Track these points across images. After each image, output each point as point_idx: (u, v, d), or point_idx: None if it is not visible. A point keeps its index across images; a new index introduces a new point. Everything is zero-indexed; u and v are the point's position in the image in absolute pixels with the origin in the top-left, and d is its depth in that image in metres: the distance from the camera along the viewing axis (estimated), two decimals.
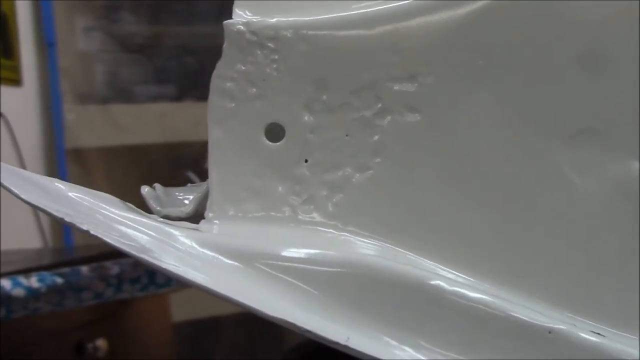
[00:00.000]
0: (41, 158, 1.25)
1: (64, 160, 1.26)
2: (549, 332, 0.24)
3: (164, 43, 1.31)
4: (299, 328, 0.21)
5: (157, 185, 0.31)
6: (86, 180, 1.25)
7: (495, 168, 0.27)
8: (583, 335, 0.24)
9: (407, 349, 0.23)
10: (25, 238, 1.15)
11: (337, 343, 0.21)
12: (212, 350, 1.27)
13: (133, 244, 0.25)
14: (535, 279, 0.27)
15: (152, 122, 1.30)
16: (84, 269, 0.93)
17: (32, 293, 0.88)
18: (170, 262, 0.23)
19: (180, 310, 1.28)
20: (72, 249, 1.24)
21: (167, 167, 1.31)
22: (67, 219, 0.24)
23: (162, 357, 1.25)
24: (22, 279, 0.86)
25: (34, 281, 0.88)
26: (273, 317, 0.21)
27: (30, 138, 1.21)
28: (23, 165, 1.14)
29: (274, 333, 1.22)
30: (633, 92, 0.27)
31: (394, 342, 0.23)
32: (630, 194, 0.27)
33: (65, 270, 0.92)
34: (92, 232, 0.24)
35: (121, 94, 1.33)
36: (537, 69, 0.27)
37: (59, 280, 0.90)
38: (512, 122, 0.28)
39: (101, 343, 1.14)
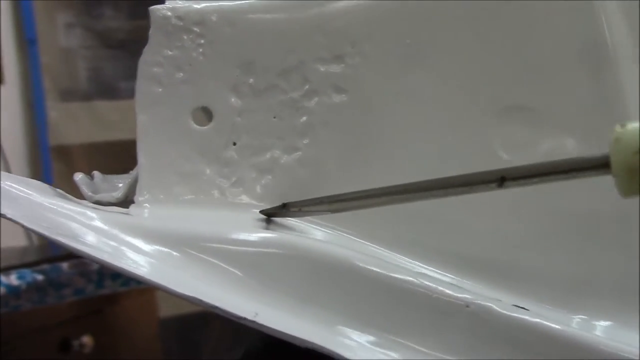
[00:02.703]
0: (25, 156, 1.25)
1: (49, 158, 1.26)
2: (467, 307, 0.24)
3: (146, 37, 1.30)
4: (206, 304, 0.21)
5: (95, 172, 0.31)
6: (71, 177, 1.25)
7: (423, 146, 0.28)
8: (500, 309, 0.24)
9: (323, 326, 0.23)
10: (11, 236, 1.15)
11: (244, 318, 0.21)
12: (198, 345, 1.27)
13: (59, 230, 0.25)
14: (466, 255, 0.27)
15: None
16: (64, 265, 0.93)
17: (12, 291, 0.88)
18: (88, 246, 0.23)
19: (167, 306, 1.28)
20: (56, 246, 1.24)
21: None
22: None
23: (148, 353, 1.25)
24: (2, 277, 0.87)
25: (13, 279, 0.89)
26: (180, 294, 0.22)
27: (13, 136, 1.21)
28: (7, 164, 1.14)
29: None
30: (562, 69, 0.28)
31: (310, 319, 0.23)
32: None
33: (46, 267, 0.92)
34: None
35: (105, 90, 1.33)
36: (463, 46, 0.28)
37: (39, 277, 0.91)
38: (439, 100, 0.28)
39: (87, 339, 1.14)
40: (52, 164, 1.24)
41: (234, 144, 0.28)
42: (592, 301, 0.27)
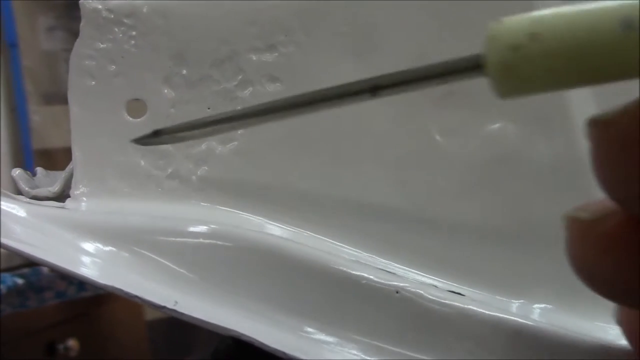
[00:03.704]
0: (9, 160, 1.25)
1: (32, 162, 1.26)
2: (397, 292, 0.24)
3: None
4: (127, 293, 0.21)
5: (38, 168, 0.31)
6: None
7: (359, 133, 0.27)
8: (430, 295, 0.24)
9: (248, 314, 0.23)
10: None
11: (164, 307, 0.21)
12: (187, 347, 1.27)
13: None
14: (407, 246, 0.27)
15: None
16: (45, 268, 0.93)
17: None
18: (15, 240, 0.23)
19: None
20: None
21: None
22: None
23: (136, 356, 1.25)
24: None
25: None
26: (100, 284, 0.21)
27: None
28: None
29: None
30: None
31: (237, 308, 0.23)
32: (499, 153, 0.27)
33: (26, 270, 0.92)
34: None
35: None
36: (400, 34, 0.28)
37: (20, 281, 0.91)
38: None
39: (73, 343, 1.14)
40: (36, 167, 1.24)
41: None
42: (531, 285, 0.27)
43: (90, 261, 0.23)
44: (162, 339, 1.32)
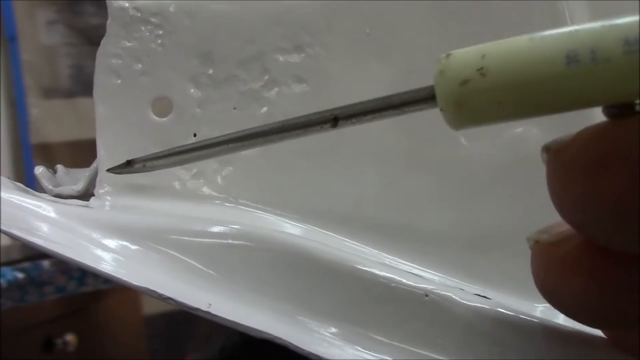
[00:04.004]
0: (7, 154, 1.25)
1: (31, 156, 1.25)
2: (426, 296, 0.24)
3: None
4: (160, 295, 0.21)
5: (59, 166, 0.31)
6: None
7: (383, 134, 0.28)
8: (459, 298, 0.24)
9: (280, 317, 0.23)
10: None
11: (198, 309, 0.21)
12: (184, 343, 1.27)
13: (14, 223, 0.24)
14: (430, 249, 0.27)
15: None
16: (45, 263, 0.92)
17: None
18: (42, 238, 0.23)
19: (152, 303, 1.27)
20: None
21: None
22: None
23: (133, 351, 1.25)
24: None
25: None
26: (133, 285, 0.21)
27: None
28: None
29: None
30: None
31: (268, 310, 0.23)
32: (521, 156, 0.27)
33: (26, 265, 0.92)
34: None
35: (87, 87, 1.32)
36: (423, 35, 0.28)
37: (20, 275, 0.90)
38: (400, 90, 0.28)
39: (71, 338, 1.14)
40: (35, 162, 1.23)
41: (194, 135, 0.28)
42: None
43: (120, 261, 0.23)
44: (159, 334, 1.32)
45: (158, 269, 0.24)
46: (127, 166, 0.24)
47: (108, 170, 0.25)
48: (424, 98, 0.17)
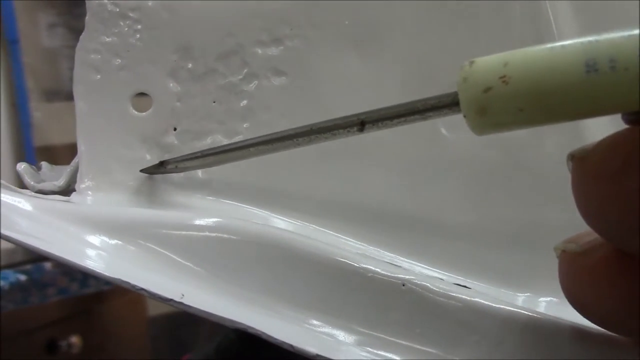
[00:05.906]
0: (10, 157, 1.25)
1: (34, 159, 1.26)
2: (403, 285, 0.24)
3: None
4: (133, 286, 0.21)
5: (43, 162, 0.31)
6: None
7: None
8: (435, 287, 0.24)
9: (256, 308, 0.23)
10: None
11: (171, 300, 0.21)
12: (188, 344, 1.27)
13: None
14: (412, 241, 0.27)
15: None
16: (48, 265, 0.93)
17: None
18: (20, 233, 0.23)
19: (156, 305, 1.27)
20: None
21: None
22: None
23: (137, 352, 1.25)
24: None
25: None
26: (107, 277, 0.21)
27: None
28: None
29: None
30: None
31: (245, 301, 0.23)
32: (506, 151, 0.27)
33: (29, 267, 0.92)
34: None
35: None
36: (404, 29, 0.28)
37: (22, 277, 0.91)
38: (381, 81, 0.28)
39: (75, 340, 1.14)
40: (37, 164, 1.24)
41: (175, 129, 0.28)
42: (537, 279, 0.27)
43: (96, 254, 0.23)
44: (164, 336, 1.32)
45: (135, 261, 0.24)
46: (160, 167, 0.25)
47: (141, 170, 0.26)
48: (447, 104, 0.18)
